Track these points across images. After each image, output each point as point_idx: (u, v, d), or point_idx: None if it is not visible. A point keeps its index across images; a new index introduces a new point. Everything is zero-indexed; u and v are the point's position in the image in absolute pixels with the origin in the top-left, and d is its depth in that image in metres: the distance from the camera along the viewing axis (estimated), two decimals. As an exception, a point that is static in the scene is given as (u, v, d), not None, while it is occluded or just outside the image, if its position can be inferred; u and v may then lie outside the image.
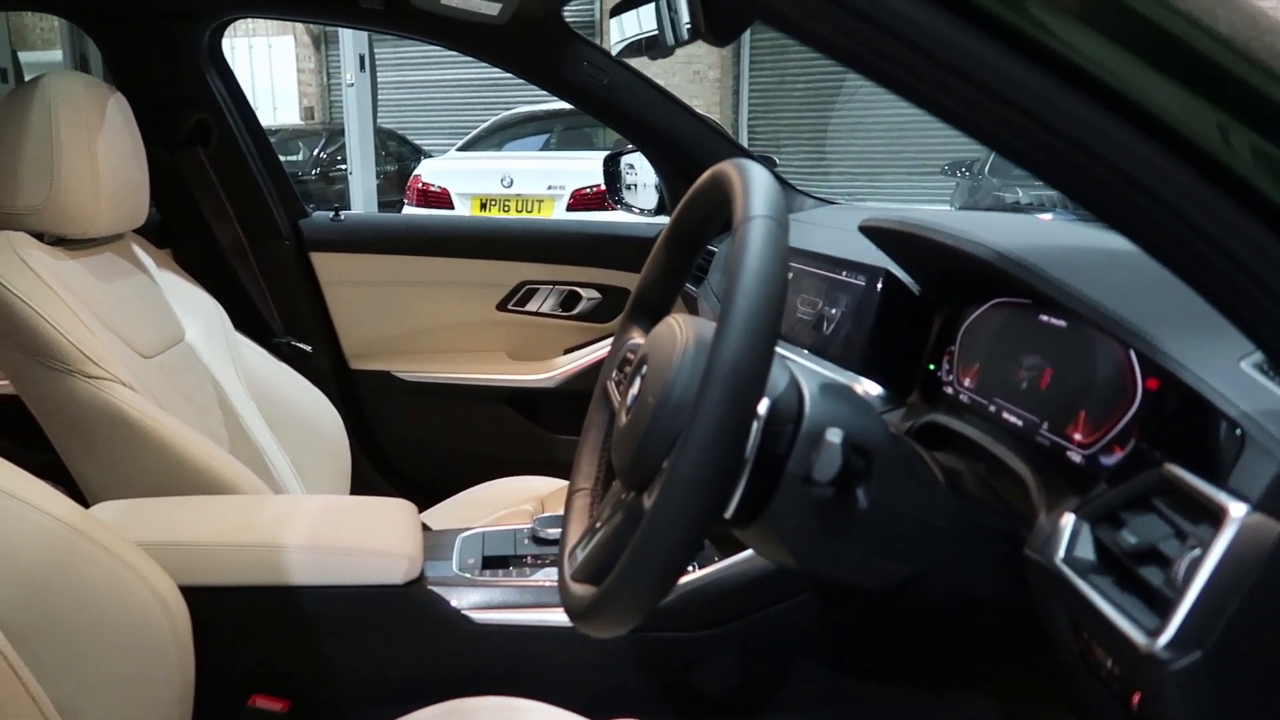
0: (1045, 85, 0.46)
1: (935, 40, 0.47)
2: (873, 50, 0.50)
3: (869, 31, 0.48)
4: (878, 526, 0.71)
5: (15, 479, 0.93)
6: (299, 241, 1.94)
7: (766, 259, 0.61)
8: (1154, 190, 0.46)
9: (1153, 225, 0.47)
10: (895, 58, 0.49)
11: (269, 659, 1.09)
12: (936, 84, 0.49)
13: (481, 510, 1.58)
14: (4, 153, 1.28)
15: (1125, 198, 0.47)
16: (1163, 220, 0.47)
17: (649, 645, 1.10)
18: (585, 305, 1.99)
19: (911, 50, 0.47)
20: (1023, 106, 0.46)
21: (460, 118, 11.17)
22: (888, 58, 0.49)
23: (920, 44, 0.47)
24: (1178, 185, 0.45)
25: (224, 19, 1.75)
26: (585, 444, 0.93)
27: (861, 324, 1.07)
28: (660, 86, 1.79)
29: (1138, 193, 0.46)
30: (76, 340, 1.23)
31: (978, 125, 0.50)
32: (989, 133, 0.50)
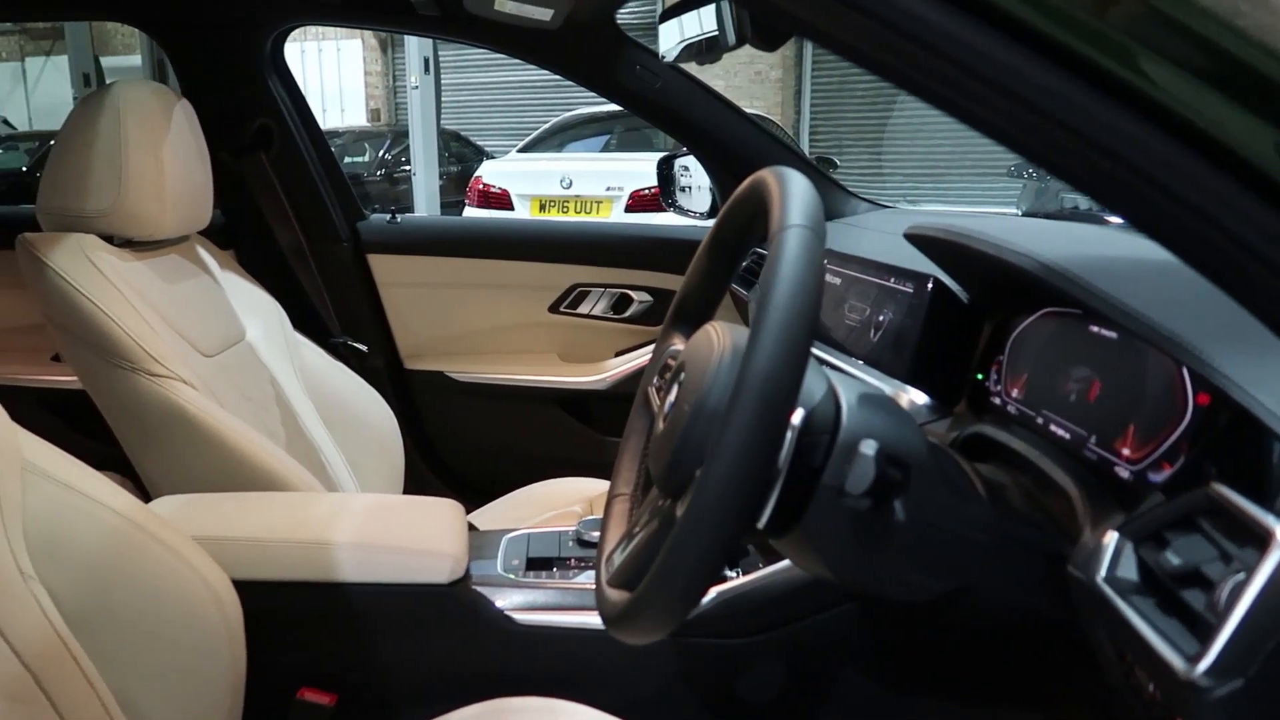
0: (1082, 95, 0.45)
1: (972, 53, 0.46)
2: (908, 61, 0.49)
3: (897, 41, 0.48)
4: (914, 540, 0.70)
5: (79, 474, 0.97)
6: (356, 243, 1.98)
7: (801, 269, 0.61)
8: (1203, 208, 0.45)
9: (1197, 240, 0.46)
10: (932, 70, 0.48)
11: (318, 653, 1.12)
12: (974, 96, 0.48)
13: (530, 510, 1.59)
14: (75, 158, 1.33)
15: (1170, 214, 0.46)
16: (1209, 237, 0.45)
17: (691, 651, 1.10)
18: (636, 308, 1.99)
19: (950, 64, 0.47)
20: (1057, 117, 0.45)
21: (522, 119, 11.27)
22: (925, 70, 0.49)
23: (957, 56, 0.46)
24: (1229, 204, 0.44)
25: (285, 27, 1.80)
26: (626, 449, 0.94)
27: (909, 332, 1.05)
28: (713, 90, 1.78)
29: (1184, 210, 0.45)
30: (141, 339, 1.28)
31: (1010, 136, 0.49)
32: (1019, 142, 0.49)
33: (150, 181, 1.35)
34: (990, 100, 0.47)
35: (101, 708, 0.90)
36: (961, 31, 0.46)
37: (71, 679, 0.88)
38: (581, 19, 1.60)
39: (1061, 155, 0.48)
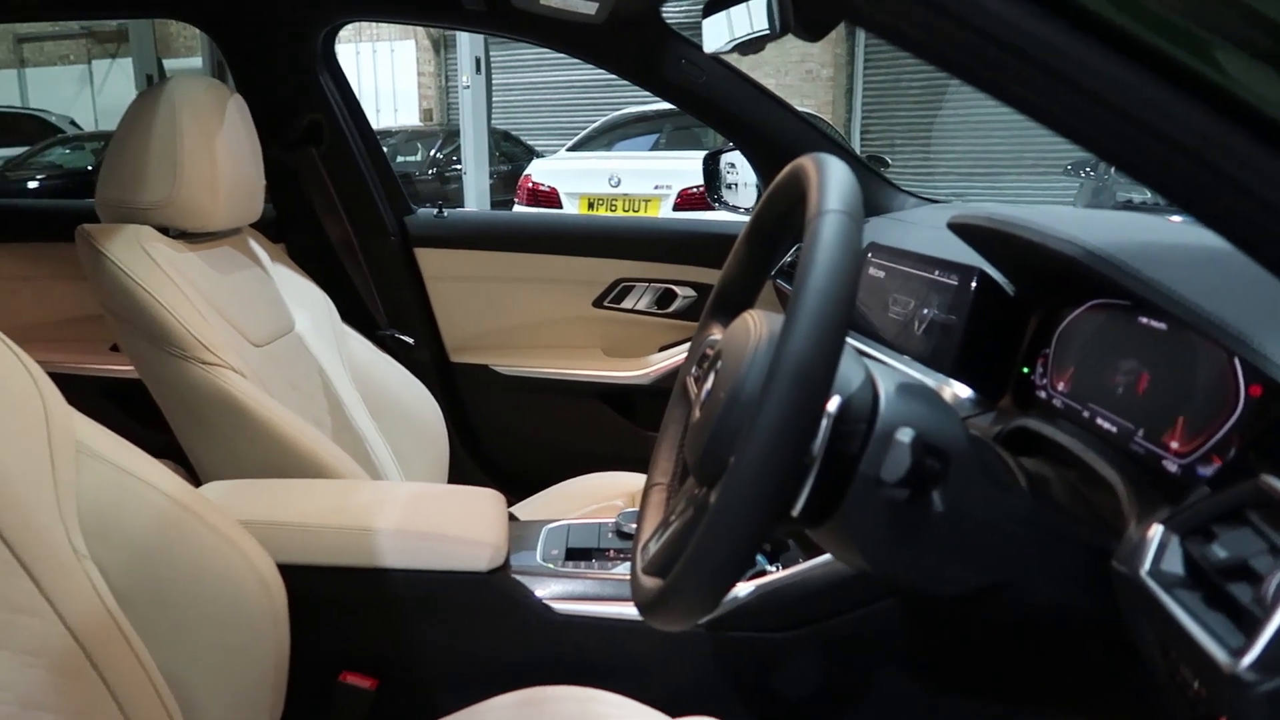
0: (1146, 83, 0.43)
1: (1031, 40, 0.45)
2: (967, 53, 0.48)
3: (957, 30, 0.47)
4: (953, 532, 0.69)
5: (131, 457, 0.99)
6: (404, 237, 2.00)
7: (837, 254, 0.60)
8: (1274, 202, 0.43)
9: (1263, 234, 0.45)
10: (991, 60, 0.47)
11: (359, 638, 1.13)
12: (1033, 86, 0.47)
13: (572, 504, 1.60)
14: (133, 151, 1.37)
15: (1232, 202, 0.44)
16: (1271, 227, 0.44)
17: (729, 643, 1.09)
18: (680, 303, 1.99)
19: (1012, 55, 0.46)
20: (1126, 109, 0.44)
21: (572, 118, 11.33)
22: (985, 60, 0.48)
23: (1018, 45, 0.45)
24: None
25: (337, 24, 1.83)
26: (664, 439, 0.94)
27: (953, 324, 1.03)
28: (759, 84, 1.77)
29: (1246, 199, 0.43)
30: (193, 328, 1.31)
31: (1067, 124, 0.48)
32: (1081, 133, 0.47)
33: (204, 174, 1.38)
34: (1054, 91, 0.46)
35: (149, 683, 0.92)
36: (1023, 19, 0.45)
37: (121, 655, 0.90)
38: (626, 13, 1.60)
39: (1127, 147, 0.46)
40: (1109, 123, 0.45)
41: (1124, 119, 0.44)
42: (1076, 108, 0.46)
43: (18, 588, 0.84)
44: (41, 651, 0.83)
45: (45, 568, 0.87)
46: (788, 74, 10.98)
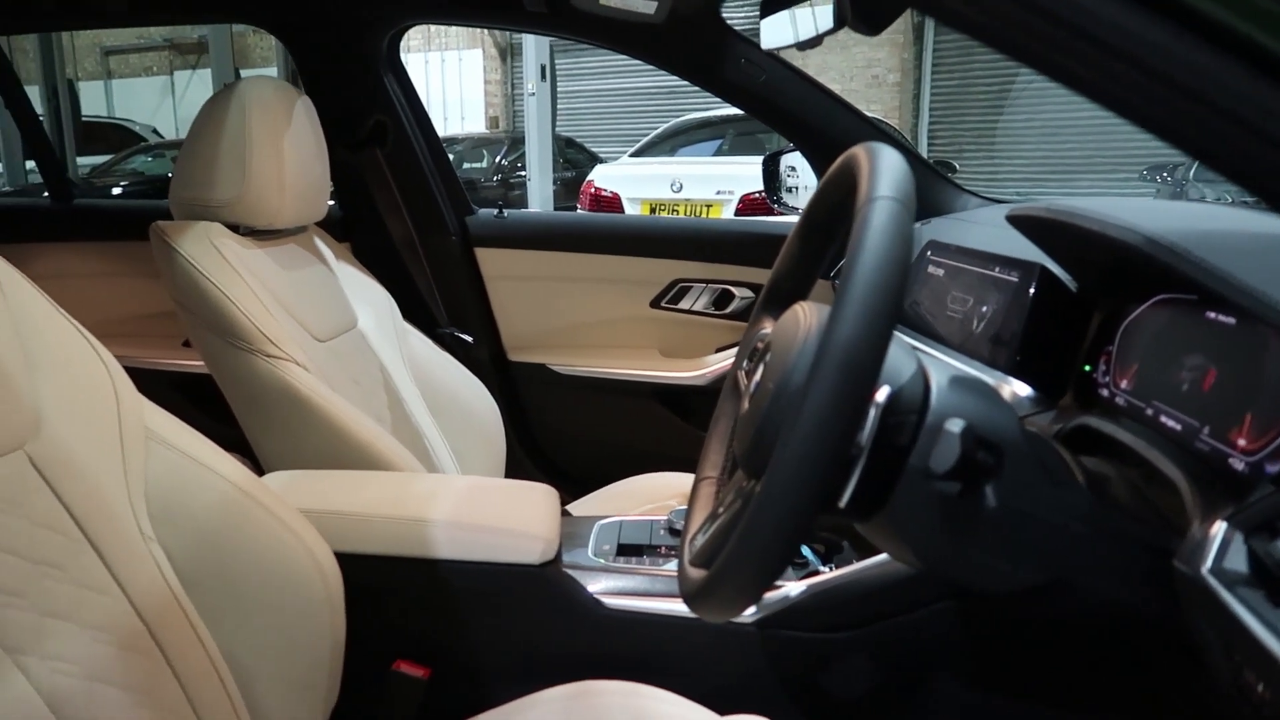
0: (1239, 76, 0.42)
1: (1107, 26, 0.43)
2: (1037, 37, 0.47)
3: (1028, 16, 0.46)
4: (1007, 527, 0.67)
5: (197, 444, 1.03)
6: (465, 237, 2.03)
7: (887, 240, 0.59)
8: None
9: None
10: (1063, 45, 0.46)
11: (413, 627, 1.15)
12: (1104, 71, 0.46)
13: (626, 503, 1.60)
14: (204, 151, 1.41)
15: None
16: None
17: (779, 643, 1.08)
18: (738, 304, 1.98)
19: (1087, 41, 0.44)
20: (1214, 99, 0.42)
21: (636, 125, 11.38)
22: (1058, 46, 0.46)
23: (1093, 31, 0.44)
24: None
25: (402, 26, 1.86)
26: (714, 433, 0.93)
27: (1013, 322, 1.01)
28: (820, 83, 1.76)
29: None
30: (259, 322, 1.34)
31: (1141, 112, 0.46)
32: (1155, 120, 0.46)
33: (271, 173, 1.42)
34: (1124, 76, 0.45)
35: (209, 663, 0.94)
36: (1105, 8, 0.44)
37: (183, 635, 0.93)
38: (686, 12, 1.60)
39: (1214, 140, 0.45)
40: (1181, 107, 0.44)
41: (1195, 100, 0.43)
42: (1148, 92, 0.44)
43: (87, 566, 0.87)
44: (108, 627, 0.86)
45: (113, 547, 0.90)
46: (853, 79, 10.87)
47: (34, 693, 0.77)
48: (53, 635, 0.81)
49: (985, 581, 0.70)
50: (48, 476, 0.87)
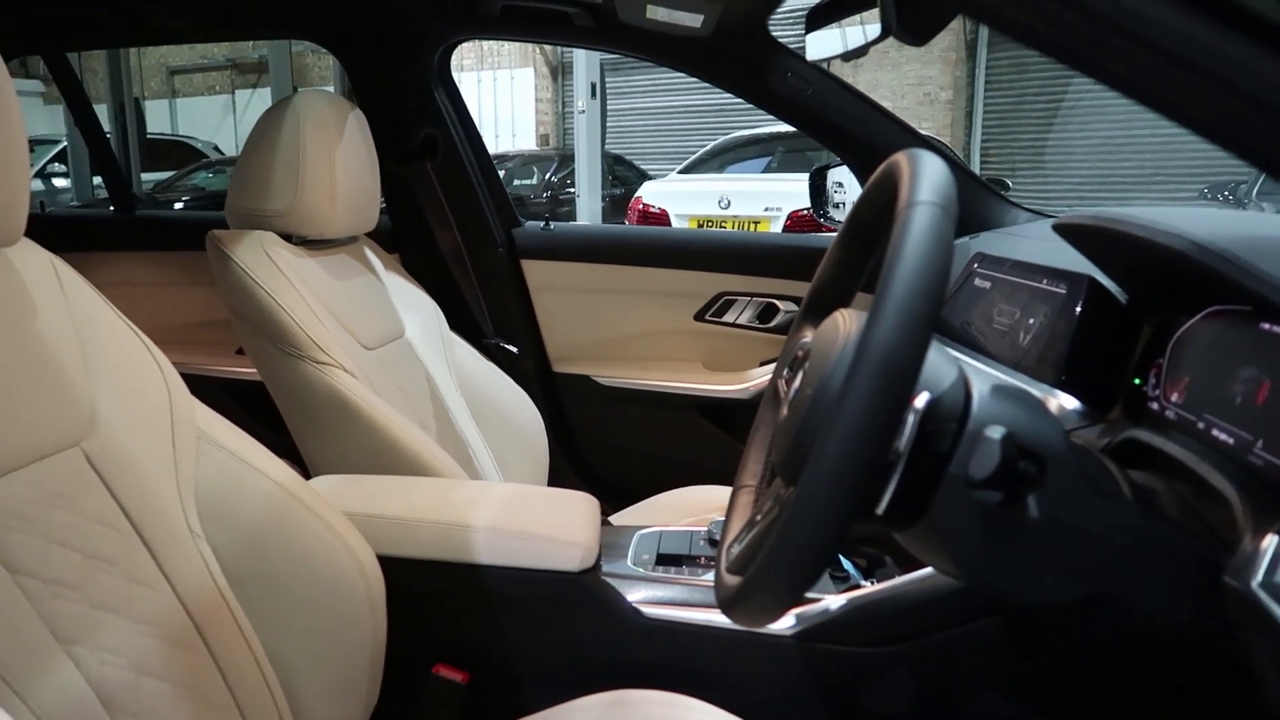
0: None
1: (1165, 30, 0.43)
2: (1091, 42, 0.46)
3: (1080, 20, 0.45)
4: (1049, 539, 0.66)
5: (246, 446, 1.05)
6: (511, 249, 2.05)
7: (927, 244, 0.59)
8: None
9: None
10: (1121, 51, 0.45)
11: (452, 631, 1.16)
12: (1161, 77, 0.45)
13: (668, 515, 1.60)
14: (259, 161, 1.45)
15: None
16: None
17: (818, 656, 1.07)
18: (782, 318, 1.97)
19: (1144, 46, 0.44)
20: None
21: (685, 142, 11.41)
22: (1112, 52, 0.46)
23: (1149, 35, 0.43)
24: None
25: (453, 42, 1.90)
26: (753, 442, 0.93)
27: (1061, 334, 1.00)
28: (868, 97, 1.75)
29: None
30: (308, 329, 1.37)
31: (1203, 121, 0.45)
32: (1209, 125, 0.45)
33: (324, 183, 1.45)
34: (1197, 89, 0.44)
35: (253, 659, 0.96)
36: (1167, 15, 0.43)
37: (228, 630, 0.94)
38: (732, 26, 1.60)
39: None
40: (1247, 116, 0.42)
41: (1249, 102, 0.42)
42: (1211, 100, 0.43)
43: (138, 561, 0.89)
44: (155, 621, 0.88)
45: (163, 544, 0.92)
46: (904, 96, 10.80)
47: (84, 682, 0.79)
48: (103, 627, 0.83)
49: (1027, 593, 0.69)
50: (102, 473, 0.89)
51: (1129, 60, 0.44)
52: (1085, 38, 0.47)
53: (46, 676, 0.77)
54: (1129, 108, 0.50)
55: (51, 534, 0.82)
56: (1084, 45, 0.50)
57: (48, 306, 0.92)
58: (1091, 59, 0.49)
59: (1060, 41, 0.46)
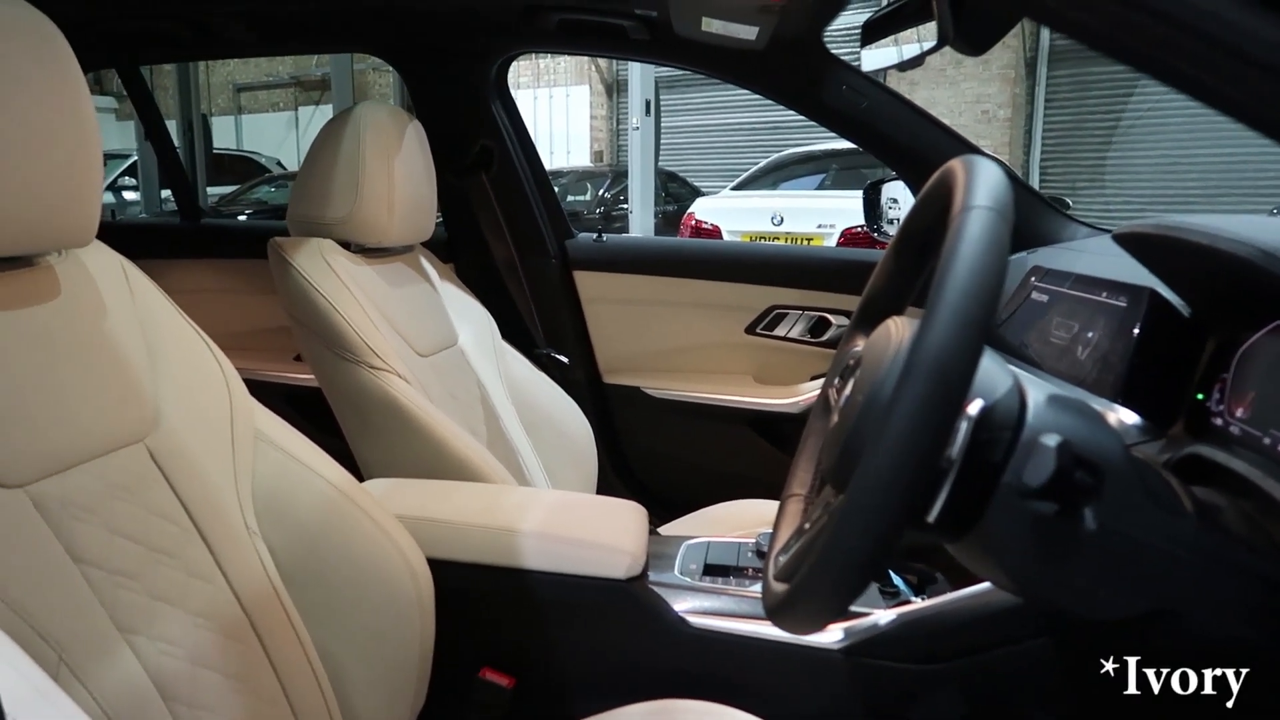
0: None
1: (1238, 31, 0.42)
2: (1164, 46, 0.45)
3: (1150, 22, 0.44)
4: (1108, 552, 0.65)
5: (303, 447, 1.07)
6: (564, 260, 2.07)
7: (981, 248, 0.58)
8: None
9: None
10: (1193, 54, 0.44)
11: (499, 636, 1.17)
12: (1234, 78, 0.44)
13: (716, 528, 1.59)
14: (321, 170, 1.49)
15: None
16: None
17: (866, 671, 1.06)
18: (834, 332, 1.96)
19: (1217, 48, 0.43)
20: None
21: (738, 160, 11.41)
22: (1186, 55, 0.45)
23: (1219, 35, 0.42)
24: None
25: (510, 55, 1.92)
26: (803, 451, 0.92)
27: (1121, 348, 0.97)
28: (923, 110, 1.74)
29: None
30: (365, 335, 1.40)
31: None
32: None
33: (382, 193, 1.48)
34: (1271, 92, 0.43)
35: (304, 657, 0.98)
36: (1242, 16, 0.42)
37: (280, 626, 0.96)
38: (787, 38, 1.60)
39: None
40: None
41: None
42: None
43: (196, 555, 0.92)
44: (212, 615, 0.90)
45: (220, 539, 0.94)
46: (962, 114, 10.68)
47: (142, 671, 0.81)
48: (162, 618, 0.85)
49: (1083, 607, 0.68)
50: (164, 469, 0.92)
51: (1201, 62, 0.43)
52: (1156, 40, 0.46)
53: (107, 664, 0.79)
54: (1192, 125, 0.48)
55: (115, 525, 0.84)
56: (1154, 48, 0.49)
57: (116, 306, 0.95)
58: (1162, 62, 0.48)
59: (1129, 44, 0.45)
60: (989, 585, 1.04)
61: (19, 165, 0.77)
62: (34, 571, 0.76)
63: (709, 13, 1.45)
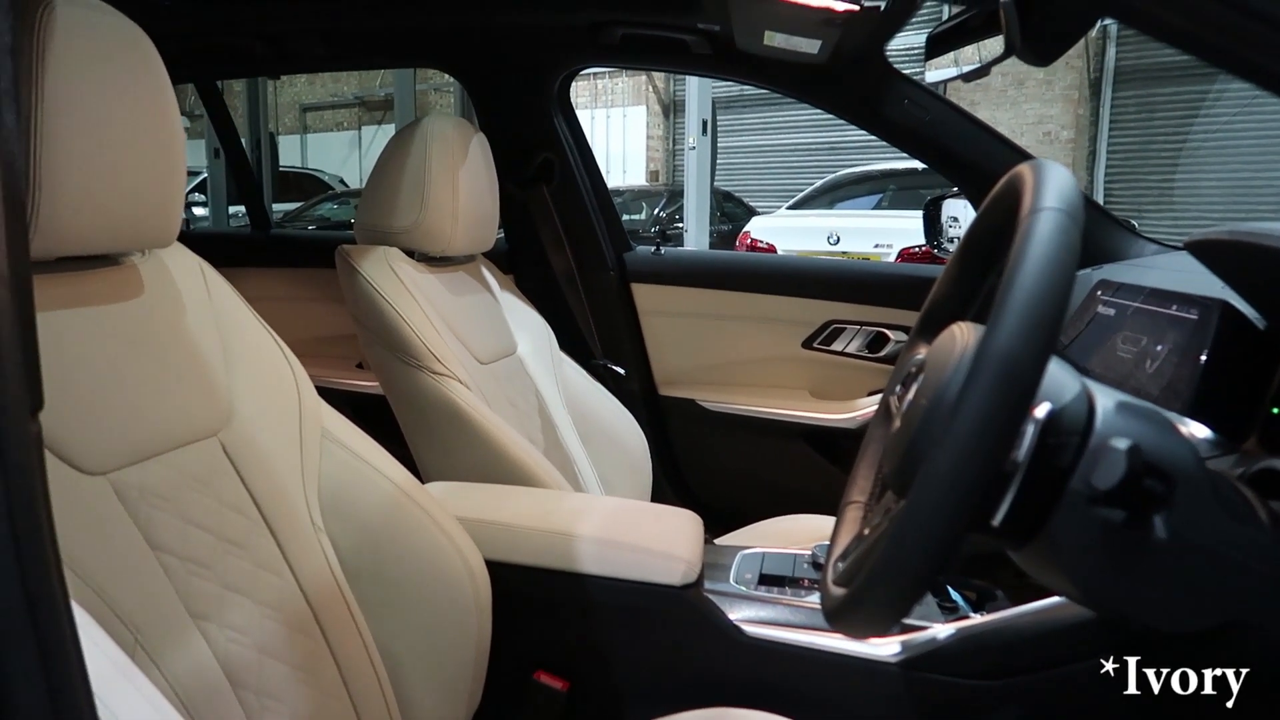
0: None
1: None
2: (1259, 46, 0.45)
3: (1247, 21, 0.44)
4: (1179, 562, 0.63)
5: (368, 447, 1.10)
6: (622, 272, 2.08)
7: (1051, 249, 0.58)
8: None
9: None
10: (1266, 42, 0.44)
11: (554, 639, 1.17)
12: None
13: (771, 542, 1.58)
14: (388, 180, 1.52)
15: None
16: None
17: (923, 685, 1.04)
18: (892, 347, 1.94)
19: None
20: None
21: (794, 180, 11.38)
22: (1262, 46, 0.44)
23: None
24: None
25: (573, 70, 1.95)
26: (863, 458, 0.92)
27: (1191, 361, 0.95)
28: (986, 124, 1.72)
29: None
30: (427, 341, 1.43)
31: None
32: None
33: (446, 203, 1.51)
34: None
35: (364, 650, 0.99)
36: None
37: (343, 620, 0.98)
38: (849, 53, 1.61)
39: None
40: None
41: None
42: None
43: (265, 548, 0.94)
44: (279, 606, 0.92)
45: (287, 533, 0.97)
46: (1023, 135, 10.53)
47: (212, 657, 0.84)
48: (232, 607, 0.87)
49: (1153, 618, 0.66)
50: (236, 463, 0.95)
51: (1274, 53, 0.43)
52: (1249, 40, 0.46)
53: (180, 648, 0.81)
54: (1265, 146, 0.47)
55: (189, 515, 0.87)
56: (1247, 48, 0.48)
57: (194, 305, 0.99)
58: (1253, 62, 0.48)
59: (1219, 44, 0.44)
60: (1051, 601, 1.02)
61: (114, 168, 0.81)
62: (114, 556, 0.79)
63: (772, 26, 1.46)
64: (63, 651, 0.46)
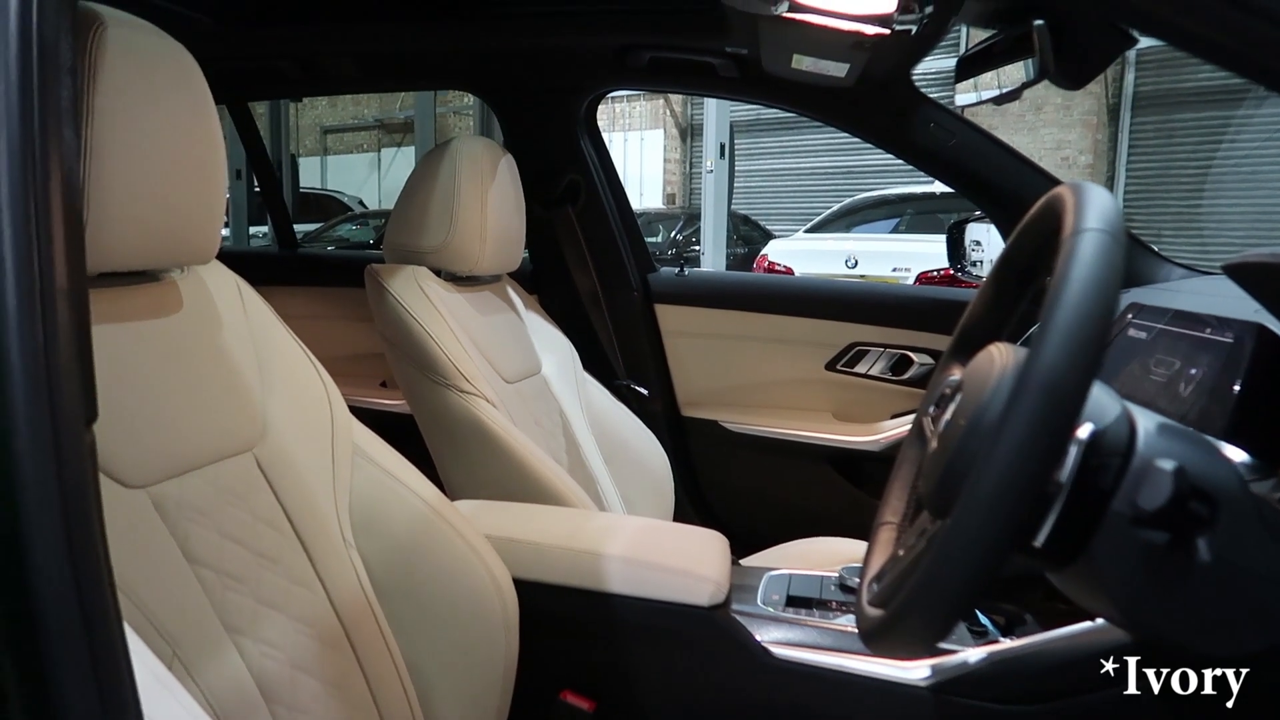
0: None
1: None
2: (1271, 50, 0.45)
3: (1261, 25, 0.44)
4: (1222, 585, 0.63)
5: (397, 463, 1.10)
6: (646, 293, 2.09)
7: (1095, 270, 0.58)
8: None
9: None
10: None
11: (580, 659, 1.17)
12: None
13: (795, 565, 1.57)
14: (418, 200, 1.54)
15: None
16: None
17: (954, 710, 1.03)
18: (917, 370, 1.94)
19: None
20: None
21: (811, 204, 11.39)
22: None
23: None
24: None
25: (600, 92, 1.97)
26: (896, 479, 0.92)
27: (1227, 384, 0.95)
28: (1011, 147, 1.73)
29: None
30: (455, 359, 1.43)
31: None
32: None
33: (474, 224, 1.52)
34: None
35: (393, 666, 1.00)
36: None
37: (372, 636, 0.98)
38: (876, 76, 1.61)
39: None
40: None
41: None
42: None
43: (298, 563, 0.94)
44: (310, 621, 0.92)
45: (320, 549, 0.97)
46: (1041, 160, 10.48)
47: (246, 672, 0.84)
48: (265, 621, 0.88)
49: (1197, 642, 0.66)
50: (270, 478, 0.96)
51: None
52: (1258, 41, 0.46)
53: (216, 662, 0.82)
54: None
55: (225, 530, 0.88)
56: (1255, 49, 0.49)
57: (232, 321, 1.00)
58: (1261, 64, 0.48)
59: (1250, 56, 0.45)
60: (1084, 626, 1.01)
61: (159, 185, 0.82)
62: (153, 569, 0.79)
63: (800, 50, 1.47)
64: (113, 662, 0.46)
